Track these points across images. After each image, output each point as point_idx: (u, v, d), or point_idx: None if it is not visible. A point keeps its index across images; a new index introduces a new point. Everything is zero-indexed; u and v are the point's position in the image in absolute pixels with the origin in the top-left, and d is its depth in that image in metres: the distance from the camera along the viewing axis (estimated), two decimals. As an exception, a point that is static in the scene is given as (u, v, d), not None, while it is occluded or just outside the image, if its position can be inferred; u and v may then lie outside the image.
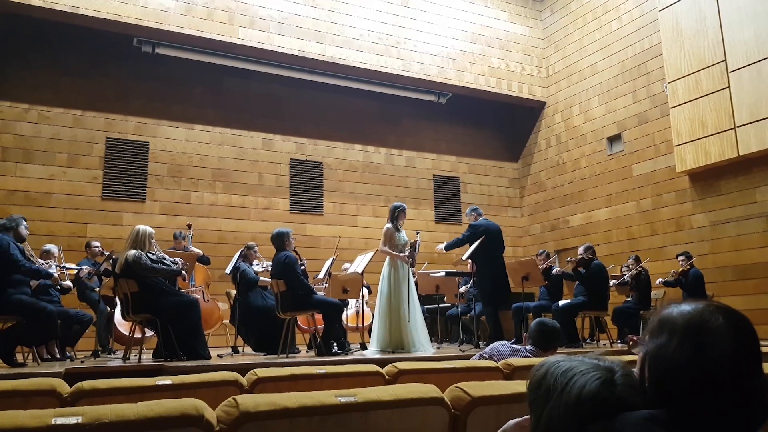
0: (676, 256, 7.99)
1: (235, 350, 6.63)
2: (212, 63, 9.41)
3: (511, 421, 1.38)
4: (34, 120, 8.71)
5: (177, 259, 5.57)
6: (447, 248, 7.26)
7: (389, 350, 5.95)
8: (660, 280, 8.07)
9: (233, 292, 7.06)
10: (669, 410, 0.97)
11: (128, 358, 5.49)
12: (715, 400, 0.95)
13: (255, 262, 6.96)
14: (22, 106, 8.67)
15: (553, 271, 7.88)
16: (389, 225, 6.33)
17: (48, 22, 8.36)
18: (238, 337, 6.74)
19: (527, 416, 1.33)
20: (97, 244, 7.00)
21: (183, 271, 5.59)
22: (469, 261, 7.05)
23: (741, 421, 0.97)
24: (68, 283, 6.09)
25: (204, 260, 7.48)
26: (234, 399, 1.51)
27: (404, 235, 6.40)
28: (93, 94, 9.09)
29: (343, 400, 1.58)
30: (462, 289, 8.13)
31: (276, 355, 5.81)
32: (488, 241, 6.86)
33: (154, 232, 5.47)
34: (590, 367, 1.10)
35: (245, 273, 6.63)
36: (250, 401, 1.51)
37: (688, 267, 7.74)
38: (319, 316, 6.19)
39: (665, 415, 0.97)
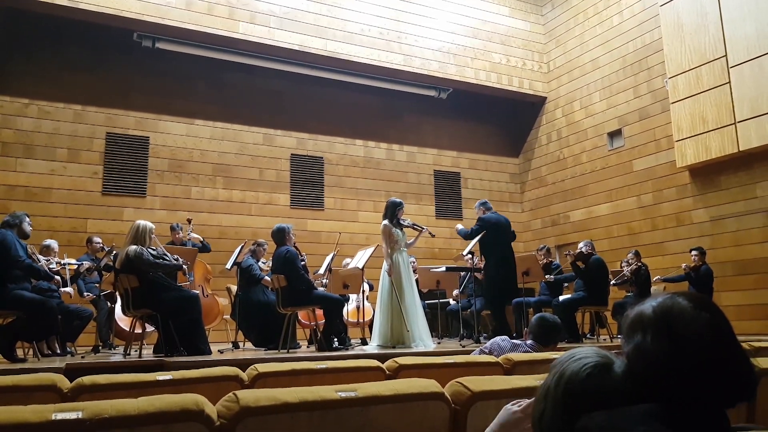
0: (690, 251, 7.96)
1: (235, 345, 6.65)
2: (213, 58, 9.39)
3: (508, 406, 1.38)
4: (35, 115, 8.71)
5: (177, 256, 5.57)
6: (459, 231, 7.15)
7: (390, 345, 5.96)
8: (658, 276, 8.04)
9: (234, 287, 7.07)
10: (663, 404, 0.98)
11: (129, 354, 5.50)
12: (703, 380, 0.96)
13: (263, 259, 6.97)
14: (23, 101, 8.66)
15: (545, 278, 7.71)
16: (386, 222, 6.30)
17: (48, 16, 8.34)
18: (239, 332, 6.75)
19: (518, 400, 1.35)
20: (99, 239, 7.00)
21: (184, 266, 5.58)
22: (469, 256, 7.03)
23: (732, 395, 0.98)
24: (69, 289, 6.05)
25: (205, 248, 7.49)
26: (234, 394, 1.51)
27: (401, 231, 6.36)
28: (93, 89, 9.07)
29: (343, 395, 1.59)
30: (455, 293, 8.14)
31: (277, 351, 5.81)
32: (493, 236, 6.80)
33: (154, 227, 5.46)
34: (593, 354, 1.11)
35: (251, 268, 6.64)
36: (250, 396, 1.51)
37: (701, 263, 7.72)
38: (319, 312, 6.19)
39: (660, 409, 0.98)
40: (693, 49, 8.77)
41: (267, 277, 6.59)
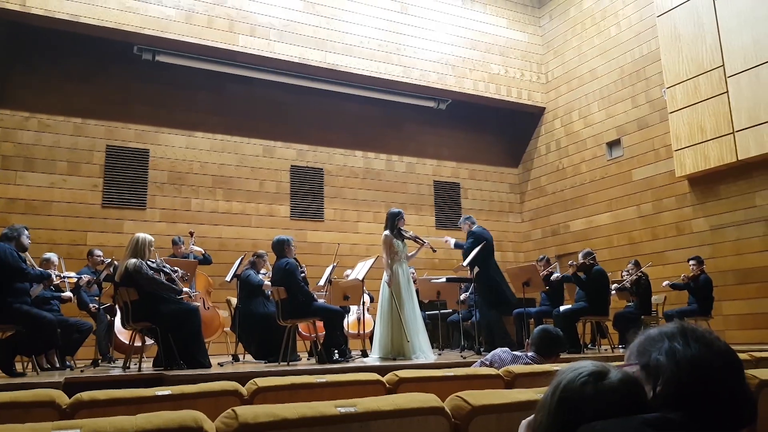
0: (687, 260, 7.95)
1: (235, 358, 6.62)
2: (212, 70, 9.44)
3: (523, 422, 1.39)
4: (35, 128, 8.73)
5: (176, 268, 5.57)
6: (456, 246, 7.32)
7: (391, 357, 5.93)
8: (666, 282, 7.98)
9: (234, 299, 7.06)
10: (663, 414, 0.99)
11: (128, 367, 5.47)
12: (730, 391, 1.00)
13: (263, 270, 6.96)
14: (23, 114, 8.69)
15: (552, 277, 7.82)
16: (387, 232, 6.31)
17: (48, 30, 8.39)
18: (239, 344, 6.73)
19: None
20: (100, 253, 7.00)
21: (185, 289, 5.58)
22: (469, 267, 7.04)
23: (735, 418, 1.00)
24: (68, 293, 6.08)
25: (206, 261, 7.53)
26: (233, 410, 1.51)
27: (401, 242, 6.36)
28: (93, 102, 9.11)
29: (342, 410, 1.58)
30: (462, 297, 8.10)
31: (277, 363, 5.79)
32: (486, 249, 6.88)
33: (153, 240, 5.46)
34: (589, 364, 1.12)
35: (250, 278, 6.63)
36: (249, 412, 1.50)
37: (699, 272, 7.69)
38: (320, 323, 6.17)
39: (660, 419, 0.98)
40: (690, 59, 8.81)
41: (267, 282, 6.57)
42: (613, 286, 7.92)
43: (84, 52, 9.07)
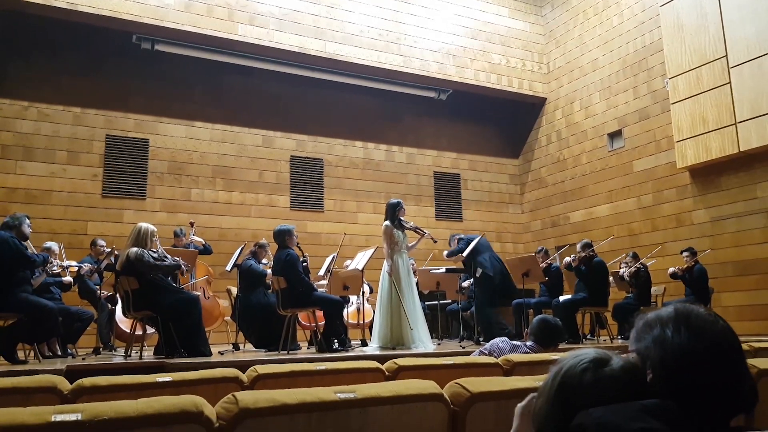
0: (681, 252, 7.94)
1: (236, 347, 6.64)
2: (212, 60, 9.40)
3: (518, 406, 1.39)
4: (34, 118, 8.71)
5: (177, 258, 5.58)
6: (447, 255, 7.73)
7: (390, 346, 5.96)
8: (671, 269, 7.94)
9: (234, 289, 7.08)
10: (661, 400, 0.99)
11: (129, 355, 5.50)
12: (710, 380, 0.99)
13: (264, 260, 6.97)
14: (22, 104, 8.67)
15: (564, 262, 7.84)
16: (387, 223, 6.31)
17: (47, 19, 8.34)
18: (239, 333, 6.75)
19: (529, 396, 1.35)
20: (103, 242, 7.01)
21: (183, 266, 5.59)
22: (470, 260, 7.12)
23: (732, 403, 1.01)
24: (69, 279, 6.11)
25: (207, 251, 7.54)
26: (233, 395, 1.52)
27: (402, 233, 6.38)
28: (93, 92, 9.08)
29: (342, 396, 1.59)
30: (465, 284, 8.10)
31: (277, 352, 5.82)
32: (480, 243, 6.95)
33: (156, 230, 5.47)
34: (592, 352, 1.12)
35: (253, 267, 6.64)
36: (249, 397, 1.51)
37: (693, 263, 7.68)
38: (320, 313, 6.20)
39: (658, 406, 0.98)
40: (693, 49, 8.77)
41: (270, 272, 6.58)
42: (621, 271, 7.92)
43: (83, 43, 9.03)
